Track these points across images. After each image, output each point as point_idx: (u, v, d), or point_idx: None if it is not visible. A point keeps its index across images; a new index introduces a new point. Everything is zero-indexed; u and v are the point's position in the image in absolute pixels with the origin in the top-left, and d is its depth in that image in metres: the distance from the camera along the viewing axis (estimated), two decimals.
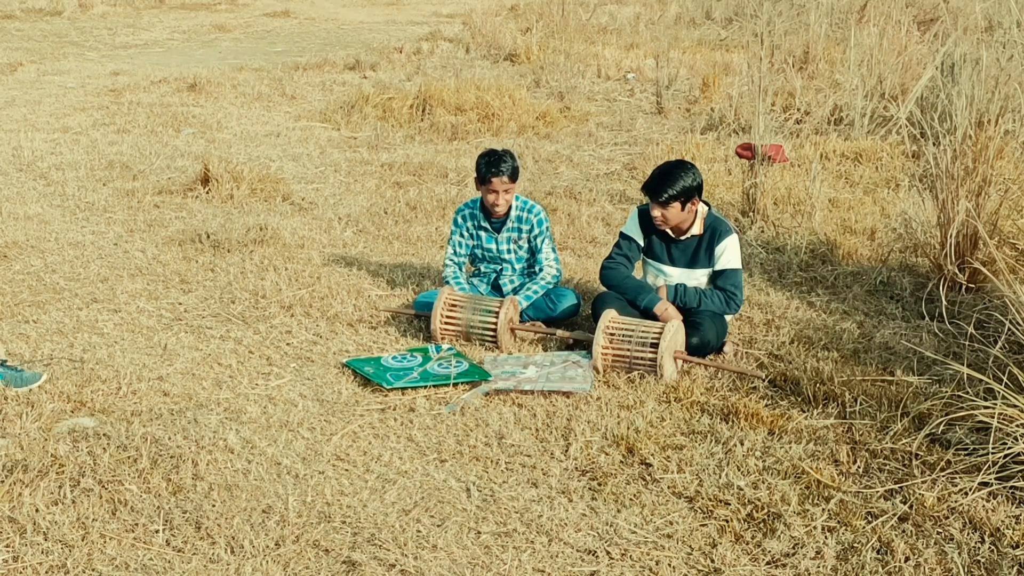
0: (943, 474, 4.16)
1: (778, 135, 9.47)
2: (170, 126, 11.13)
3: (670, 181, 5.28)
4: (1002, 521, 3.89)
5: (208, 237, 7.22)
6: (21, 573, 3.52)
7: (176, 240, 7.24)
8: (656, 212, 5.37)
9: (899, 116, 9.52)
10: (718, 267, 5.46)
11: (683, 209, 5.34)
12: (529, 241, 5.94)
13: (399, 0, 32.13)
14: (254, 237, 7.21)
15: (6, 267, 6.61)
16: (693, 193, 5.32)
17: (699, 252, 5.49)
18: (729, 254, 5.45)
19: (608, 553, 3.72)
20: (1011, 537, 3.80)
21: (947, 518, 3.92)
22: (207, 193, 8.33)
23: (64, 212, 7.91)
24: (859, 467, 4.28)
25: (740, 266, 5.51)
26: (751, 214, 7.68)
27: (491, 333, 5.46)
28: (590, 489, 4.12)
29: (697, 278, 5.52)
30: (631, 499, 4.05)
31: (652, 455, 4.31)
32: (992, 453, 4.09)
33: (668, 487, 4.12)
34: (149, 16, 24.41)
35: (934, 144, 6.93)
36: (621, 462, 4.30)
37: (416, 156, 9.95)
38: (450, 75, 13.65)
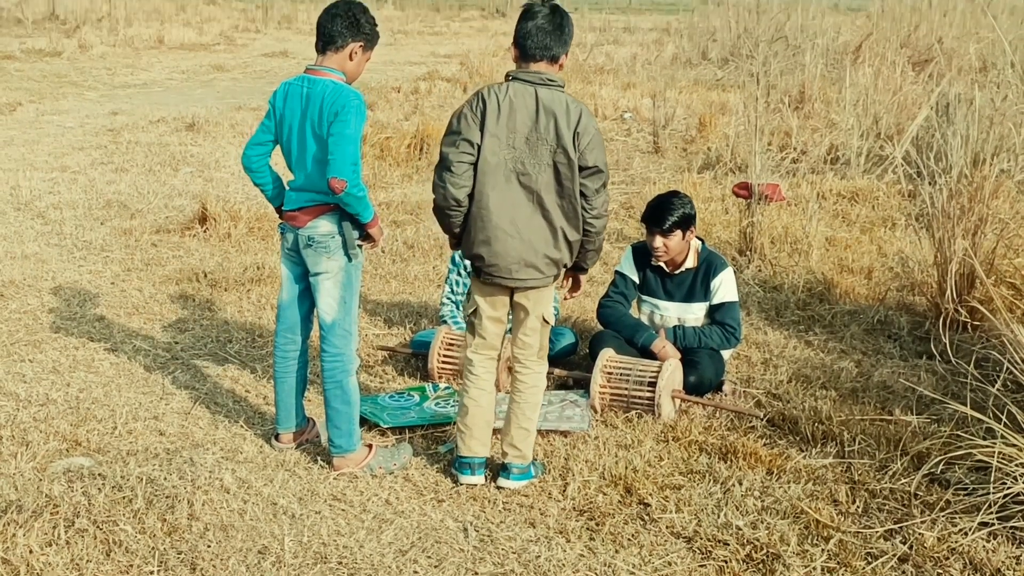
0: (943, 514, 4.14)
1: (775, 174, 9.51)
2: (168, 165, 11.16)
3: (670, 209, 5.34)
4: (1003, 562, 3.86)
5: (205, 276, 7.22)
6: None
7: (173, 279, 7.24)
8: (658, 243, 5.39)
9: (895, 156, 9.57)
10: (715, 301, 5.47)
11: (683, 238, 5.39)
12: None
13: (397, 41, 32.33)
14: (251, 276, 7.21)
15: (3, 306, 6.60)
16: (691, 221, 5.38)
17: (695, 286, 5.50)
18: (726, 287, 5.47)
19: None
20: None
21: (947, 559, 3.90)
22: (205, 232, 8.34)
23: (61, 251, 7.91)
24: (858, 507, 4.25)
25: (737, 299, 5.52)
26: (748, 253, 7.69)
27: None
28: (588, 529, 4.09)
29: (694, 312, 5.53)
30: (629, 539, 4.02)
31: (650, 495, 4.29)
32: (992, 493, 4.07)
33: (666, 527, 4.09)
34: (148, 56, 24.54)
35: (930, 183, 6.96)
36: (619, 502, 4.28)
37: (414, 195, 9.98)
38: (448, 114, 13.70)
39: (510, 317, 4.43)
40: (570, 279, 4.49)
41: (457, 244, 4.37)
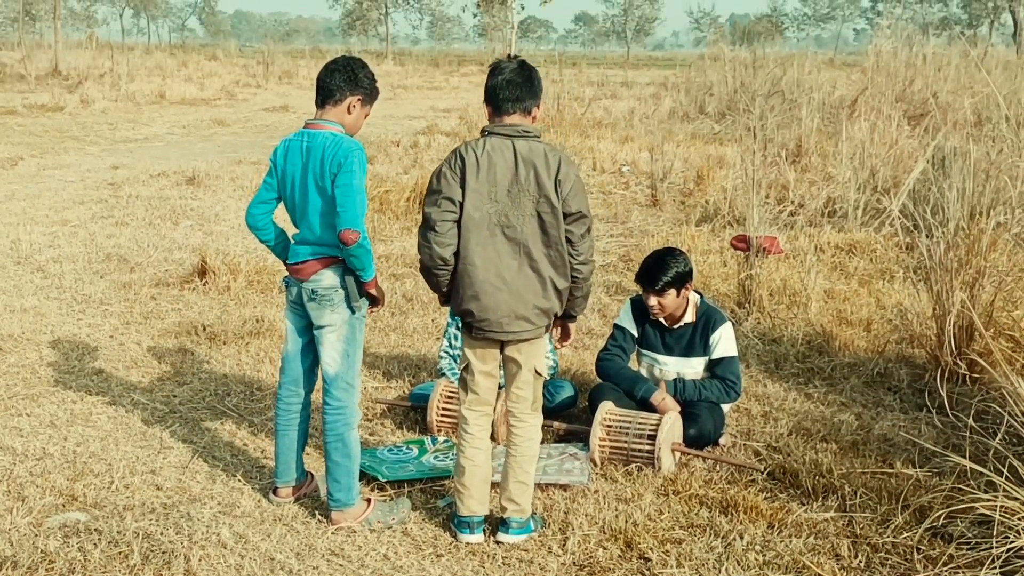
0: (946, 569, 4.10)
1: (772, 227, 9.55)
2: (168, 219, 11.20)
3: (663, 268, 5.35)
4: None
5: (204, 329, 7.22)
6: None
7: (172, 332, 7.23)
8: (652, 301, 5.40)
9: (892, 208, 9.61)
10: (715, 356, 5.47)
11: (678, 295, 5.39)
12: None
13: (396, 95, 32.60)
14: (250, 329, 7.21)
15: (1, 359, 6.59)
16: (686, 279, 5.38)
17: (694, 340, 5.50)
18: (725, 342, 5.47)
19: None
20: None
21: None
22: (204, 285, 8.35)
23: (61, 305, 7.91)
24: (861, 561, 4.22)
25: (736, 353, 5.51)
26: (747, 305, 7.70)
27: None
28: None
29: (693, 367, 5.52)
30: None
31: (651, 549, 4.25)
32: (995, 547, 4.04)
33: None
34: (149, 111, 24.75)
35: (927, 236, 6.98)
36: (619, 556, 4.24)
37: (413, 248, 9.99)
38: None
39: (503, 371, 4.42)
40: (559, 328, 4.48)
41: (447, 301, 4.37)
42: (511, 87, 4.12)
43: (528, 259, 4.13)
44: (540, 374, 4.35)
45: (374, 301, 4.48)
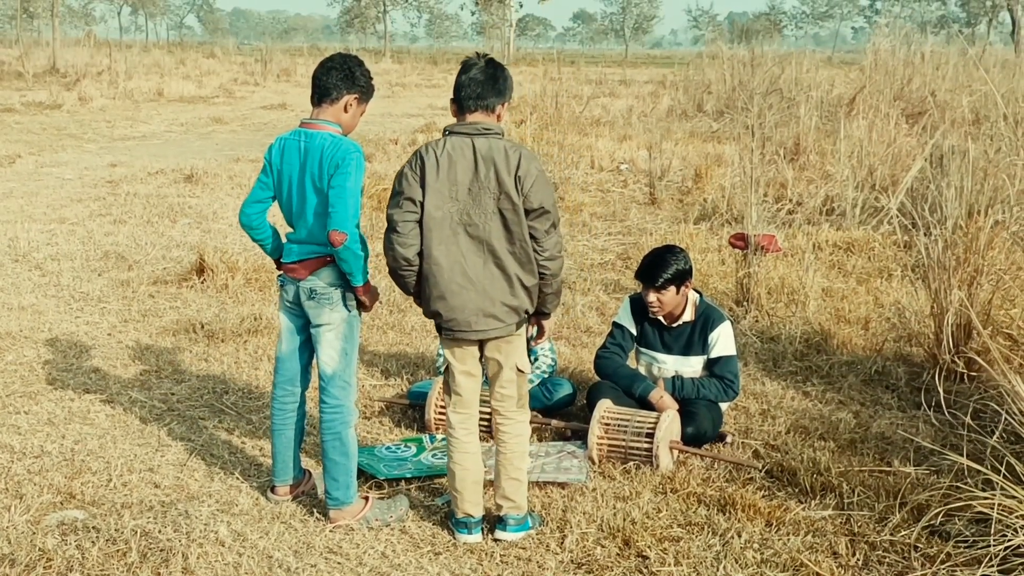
0: (944, 567, 4.10)
1: (771, 225, 9.55)
2: (166, 217, 11.20)
3: (663, 265, 5.35)
4: None
5: (202, 327, 7.22)
6: None
7: (170, 330, 7.23)
8: (652, 298, 5.40)
9: (890, 207, 9.61)
10: (714, 354, 5.47)
11: (678, 293, 5.39)
12: None
13: (395, 93, 32.60)
14: (248, 327, 7.21)
15: None
16: (686, 276, 5.38)
17: (692, 339, 5.50)
18: (724, 341, 5.47)
19: None
20: None
21: None
22: (202, 283, 8.34)
23: (59, 303, 7.91)
24: (858, 560, 4.22)
25: (735, 352, 5.52)
26: (745, 303, 7.70)
27: (485, 423, 5.42)
28: None
29: (692, 365, 5.53)
30: None
31: (649, 547, 4.25)
32: (993, 545, 4.04)
33: None
34: (148, 109, 24.74)
35: (925, 234, 6.98)
36: (617, 554, 4.24)
37: None
38: None
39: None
40: (534, 326, 4.46)
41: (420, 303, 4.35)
42: (474, 85, 4.11)
43: (492, 257, 4.10)
44: (523, 371, 4.33)
45: (362, 305, 4.46)
